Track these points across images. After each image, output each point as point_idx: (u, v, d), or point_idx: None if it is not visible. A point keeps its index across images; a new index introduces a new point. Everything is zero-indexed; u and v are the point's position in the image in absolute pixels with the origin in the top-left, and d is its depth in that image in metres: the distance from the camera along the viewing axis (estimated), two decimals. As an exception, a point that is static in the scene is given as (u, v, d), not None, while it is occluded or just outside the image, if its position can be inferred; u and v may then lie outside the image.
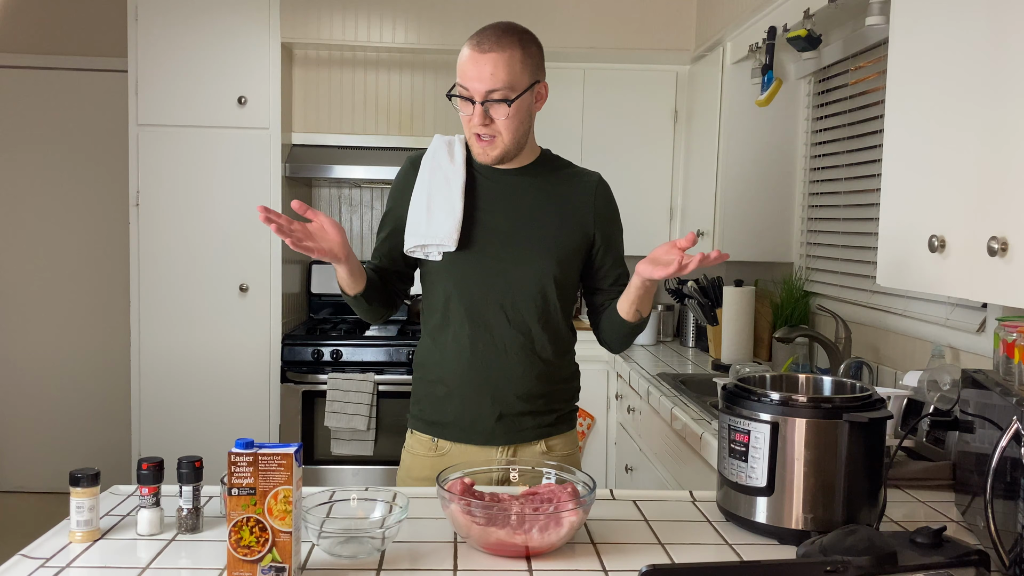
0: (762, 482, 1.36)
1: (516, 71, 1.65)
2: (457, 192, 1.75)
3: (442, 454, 1.81)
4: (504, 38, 1.65)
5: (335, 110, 3.83)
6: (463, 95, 1.67)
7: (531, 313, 1.76)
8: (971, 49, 1.34)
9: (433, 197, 1.76)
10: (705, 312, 3.45)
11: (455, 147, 1.81)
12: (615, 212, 1.87)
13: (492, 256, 1.75)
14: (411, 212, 1.78)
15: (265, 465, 1.17)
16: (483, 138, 1.69)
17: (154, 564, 1.26)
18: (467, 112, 1.68)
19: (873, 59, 2.68)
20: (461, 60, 1.67)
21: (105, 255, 4.43)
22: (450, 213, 1.74)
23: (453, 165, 1.78)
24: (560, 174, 1.83)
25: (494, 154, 1.71)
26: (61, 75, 4.38)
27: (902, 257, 1.56)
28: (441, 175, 1.78)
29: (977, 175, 1.31)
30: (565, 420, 1.86)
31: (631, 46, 3.68)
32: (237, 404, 3.59)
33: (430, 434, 1.83)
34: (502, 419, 1.77)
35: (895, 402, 1.92)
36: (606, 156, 3.85)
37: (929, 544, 1.15)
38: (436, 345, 1.81)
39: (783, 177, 3.33)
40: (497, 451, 1.79)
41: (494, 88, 1.64)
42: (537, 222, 1.77)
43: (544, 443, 1.82)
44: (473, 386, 1.77)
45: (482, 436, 1.79)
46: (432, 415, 1.83)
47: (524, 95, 1.67)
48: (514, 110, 1.67)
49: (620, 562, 1.29)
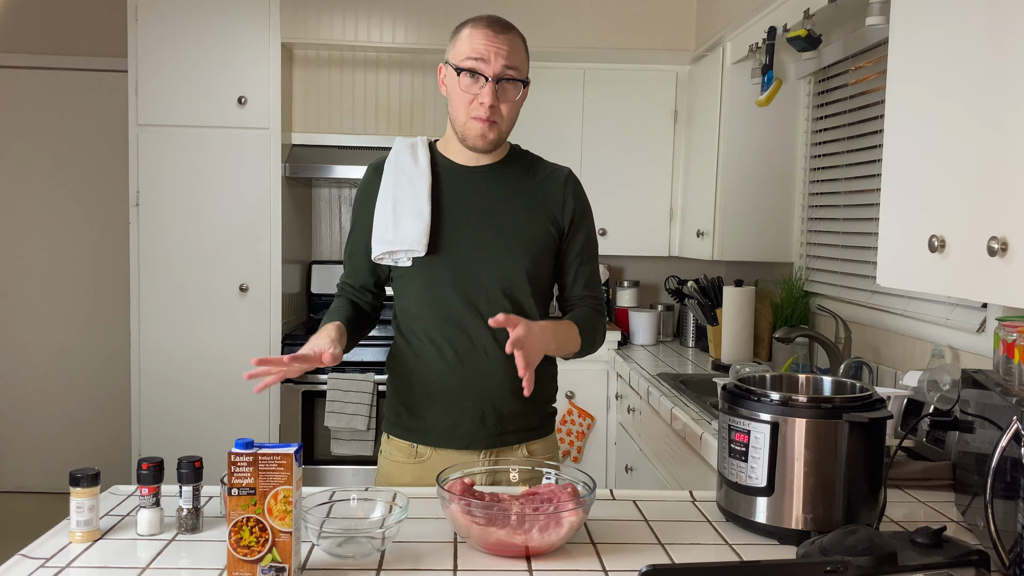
0: (762, 482, 1.36)
1: (524, 59, 1.69)
2: (424, 195, 1.71)
3: (422, 460, 1.78)
4: (511, 27, 1.67)
5: (335, 110, 3.83)
6: (477, 69, 1.63)
7: (506, 311, 1.71)
8: (971, 49, 1.34)
9: (399, 201, 1.71)
10: (705, 312, 3.45)
11: (419, 149, 1.77)
12: (586, 207, 1.83)
13: (463, 257, 1.72)
14: (376, 218, 1.74)
15: (265, 465, 1.17)
16: (486, 118, 1.65)
17: (154, 564, 1.26)
18: (474, 90, 1.64)
19: (873, 59, 2.68)
20: (470, 38, 1.63)
21: (105, 255, 4.43)
22: (417, 217, 1.70)
23: (417, 167, 1.74)
24: (530, 169, 1.80)
25: (492, 137, 1.68)
26: (61, 75, 4.38)
27: (902, 257, 1.56)
28: (406, 179, 1.73)
29: (977, 175, 1.31)
30: (546, 423, 1.84)
31: (631, 46, 3.68)
32: (237, 404, 3.59)
33: (409, 440, 1.79)
34: (484, 422, 1.74)
35: (895, 402, 1.92)
36: (606, 156, 3.85)
37: (929, 544, 1.15)
38: (412, 349, 1.77)
39: (783, 177, 3.33)
40: (479, 456, 1.76)
41: (511, 66, 1.63)
42: (507, 219, 1.73)
43: (525, 447, 1.80)
44: (452, 390, 1.74)
45: (463, 440, 1.76)
46: (410, 421, 1.79)
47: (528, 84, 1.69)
48: (520, 96, 1.67)
49: (620, 562, 1.29)
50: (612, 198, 3.82)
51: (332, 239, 4.25)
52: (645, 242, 3.92)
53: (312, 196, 4.22)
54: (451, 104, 1.71)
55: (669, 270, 4.14)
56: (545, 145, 1.88)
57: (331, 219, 4.24)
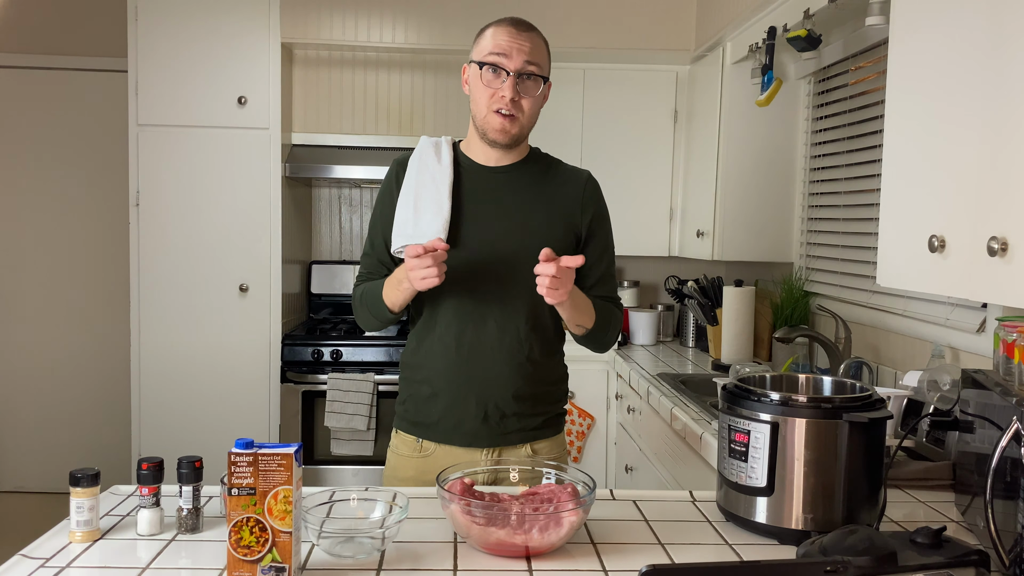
0: (762, 482, 1.36)
1: (546, 58, 1.74)
2: (445, 191, 1.74)
3: (426, 455, 1.80)
4: (534, 27, 1.73)
5: (335, 110, 3.83)
6: (499, 64, 1.67)
7: (519, 312, 1.75)
8: (971, 49, 1.34)
9: (420, 197, 1.75)
10: (705, 312, 3.45)
11: (442, 147, 1.81)
12: (604, 211, 1.86)
13: (479, 255, 1.74)
14: (398, 213, 1.77)
15: (265, 465, 1.17)
16: (505, 113, 1.69)
17: (154, 564, 1.26)
18: (496, 85, 1.68)
19: (873, 59, 2.68)
20: (493, 35, 1.69)
21: (105, 255, 4.43)
22: (437, 213, 1.72)
23: (440, 165, 1.77)
24: (549, 171, 1.83)
25: (513, 132, 1.72)
26: (61, 75, 4.38)
27: (902, 257, 1.56)
28: (428, 175, 1.77)
29: (977, 175, 1.31)
30: (552, 423, 1.84)
31: (631, 46, 3.68)
32: (237, 404, 3.59)
33: (414, 435, 1.82)
34: (487, 420, 1.76)
35: (895, 402, 1.92)
36: (606, 156, 3.85)
37: (929, 544, 1.15)
38: (422, 345, 1.80)
39: (783, 177, 3.33)
40: (482, 453, 1.77)
41: (532, 61, 1.68)
42: (525, 219, 1.76)
43: (530, 446, 1.80)
44: (458, 386, 1.76)
45: (466, 438, 1.77)
46: (417, 415, 1.81)
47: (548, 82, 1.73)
48: (540, 92, 1.71)
49: (620, 562, 1.29)
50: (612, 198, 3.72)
51: (332, 239, 4.25)
52: (645, 242, 3.92)
53: (312, 196, 4.22)
54: (473, 100, 1.74)
55: (669, 270, 4.14)
56: (545, 145, 1.88)
57: (331, 219, 4.24)
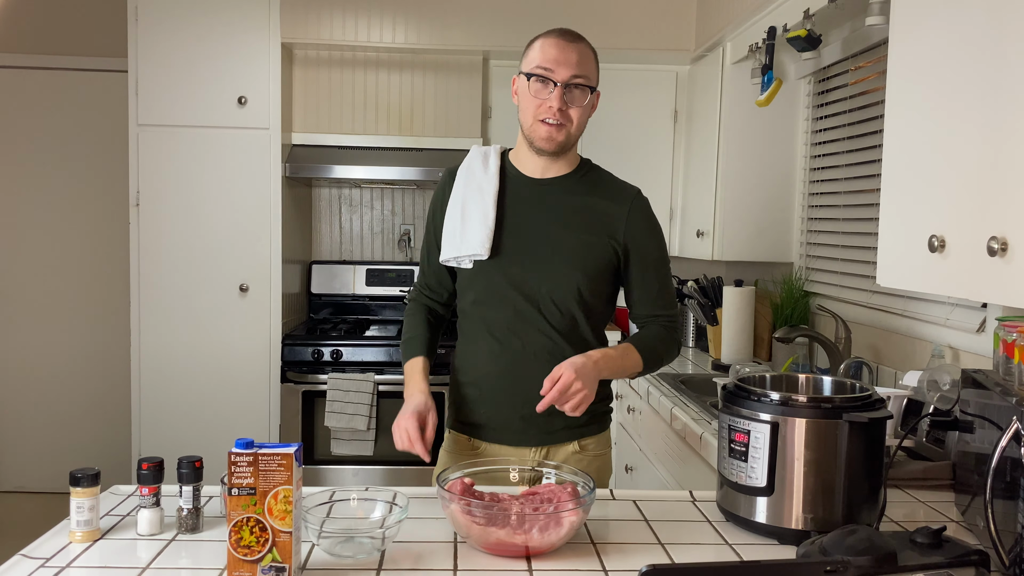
0: (762, 482, 1.36)
1: (594, 68, 1.77)
2: (490, 201, 1.78)
3: (479, 452, 1.85)
4: (582, 38, 1.76)
5: (335, 110, 3.83)
6: (547, 75, 1.70)
7: (557, 323, 1.77)
8: (971, 49, 1.34)
9: (467, 206, 1.79)
10: (705, 312, 3.45)
11: (490, 157, 1.84)
12: (652, 227, 1.86)
13: (520, 265, 1.77)
14: (447, 223, 1.82)
15: (265, 465, 1.17)
16: (553, 122, 1.71)
17: (154, 564, 1.26)
18: (543, 95, 1.71)
19: (873, 59, 2.68)
20: (541, 47, 1.73)
21: (105, 255, 4.43)
22: (483, 222, 1.76)
23: (487, 175, 1.81)
24: (597, 185, 1.84)
25: (560, 139, 1.74)
26: (61, 75, 4.38)
27: (902, 257, 1.56)
28: (475, 184, 1.81)
29: (977, 175, 1.31)
30: (598, 420, 1.87)
31: (631, 46, 3.68)
32: (237, 404, 3.59)
33: (466, 434, 1.86)
34: (531, 421, 1.77)
35: (895, 402, 1.92)
36: (606, 156, 3.79)
37: (929, 544, 1.15)
38: (468, 349, 1.85)
39: (783, 177, 3.33)
40: (530, 451, 1.82)
41: (579, 74, 1.71)
42: (566, 232, 1.77)
43: (577, 443, 1.84)
44: (502, 389, 1.80)
45: (513, 437, 1.82)
46: (466, 416, 1.86)
47: (596, 92, 1.76)
48: (588, 102, 1.73)
49: (620, 562, 1.29)
50: (612, 198, 3.80)
51: (332, 239, 4.25)
52: (645, 242, 3.90)
53: (312, 196, 4.22)
54: (521, 110, 1.77)
55: (669, 270, 4.13)
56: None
57: (331, 219, 4.24)
